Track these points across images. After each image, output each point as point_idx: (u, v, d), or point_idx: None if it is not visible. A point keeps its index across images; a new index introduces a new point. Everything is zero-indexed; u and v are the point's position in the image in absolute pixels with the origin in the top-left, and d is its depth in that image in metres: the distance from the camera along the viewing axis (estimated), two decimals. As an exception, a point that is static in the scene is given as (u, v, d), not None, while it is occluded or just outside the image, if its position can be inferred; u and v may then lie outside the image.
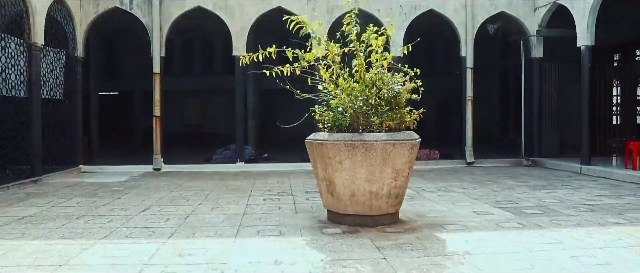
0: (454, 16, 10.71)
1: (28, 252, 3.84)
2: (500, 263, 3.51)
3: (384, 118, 4.67)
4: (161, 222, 4.98)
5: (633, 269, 3.37)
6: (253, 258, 3.66)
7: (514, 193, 6.82)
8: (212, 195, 6.70)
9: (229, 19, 10.29)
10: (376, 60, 4.82)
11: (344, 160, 4.49)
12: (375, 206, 4.59)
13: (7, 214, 5.38)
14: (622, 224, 4.77)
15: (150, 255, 3.73)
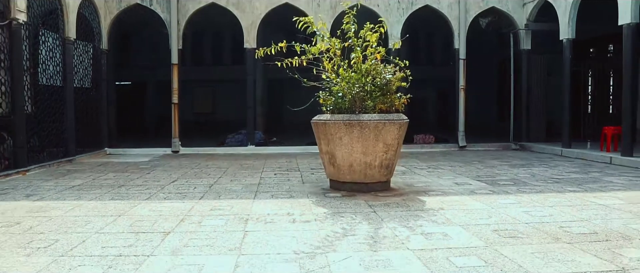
0: (448, 11, 11.57)
1: (90, 208, 4.82)
2: (465, 215, 4.45)
3: (377, 102, 5.60)
4: (190, 189, 5.95)
5: (569, 219, 4.29)
6: (270, 211, 4.62)
7: (495, 170, 7.74)
8: (229, 171, 7.67)
9: (241, 14, 11.20)
10: (371, 54, 5.73)
11: (343, 137, 5.42)
12: (369, 175, 5.53)
13: (59, 184, 6.36)
14: (576, 191, 5.70)
15: (188, 210, 4.69)
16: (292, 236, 3.70)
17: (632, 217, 4.31)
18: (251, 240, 3.59)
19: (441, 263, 3.04)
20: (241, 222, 4.19)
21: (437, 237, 3.67)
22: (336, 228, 3.95)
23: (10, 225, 4.10)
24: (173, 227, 4.00)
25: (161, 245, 3.47)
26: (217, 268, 2.96)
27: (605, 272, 2.89)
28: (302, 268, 2.95)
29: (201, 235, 3.73)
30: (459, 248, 3.38)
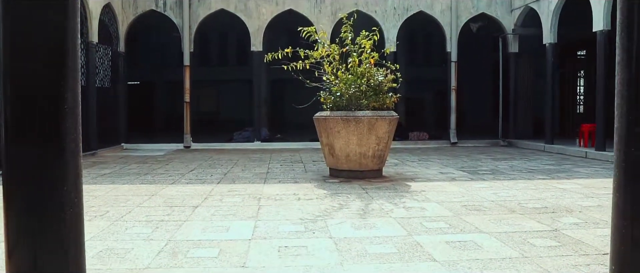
0: (440, 16, 12.41)
1: (125, 190, 5.68)
2: (442, 195, 5.29)
3: (370, 100, 6.45)
4: (207, 176, 6.81)
5: (528, 198, 5.12)
6: (278, 192, 5.48)
7: (479, 162, 8.59)
8: (240, 163, 8.53)
9: (248, 19, 12.06)
10: (366, 58, 6.59)
11: (341, 131, 6.28)
12: (364, 163, 6.39)
13: (90, 174, 7.23)
14: (544, 179, 6.55)
15: (209, 191, 5.55)
16: (298, 209, 4.56)
17: (581, 197, 5.16)
18: (265, 212, 4.45)
19: (415, 226, 3.89)
20: (255, 199, 5.05)
21: (415, 209, 4.52)
22: (334, 203, 4.81)
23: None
24: (199, 202, 4.86)
25: (193, 214, 4.33)
26: (240, 229, 3.82)
27: (541, 230, 3.74)
28: (306, 228, 3.81)
29: (224, 208, 4.59)
30: (431, 217, 4.23)
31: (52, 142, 1.23)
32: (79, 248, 1.33)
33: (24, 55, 1.22)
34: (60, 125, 1.23)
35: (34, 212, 1.25)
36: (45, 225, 1.25)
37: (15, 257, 1.28)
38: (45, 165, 1.24)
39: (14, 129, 1.23)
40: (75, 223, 1.31)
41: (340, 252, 3.18)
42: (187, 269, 2.85)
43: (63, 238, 1.27)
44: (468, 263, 2.95)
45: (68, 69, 1.25)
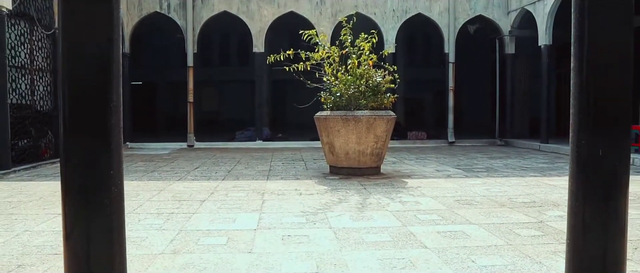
0: (438, 18, 12.68)
1: (134, 185, 5.95)
2: (437, 191, 5.56)
3: (369, 100, 6.71)
4: (212, 173, 7.08)
5: (518, 193, 5.39)
6: (281, 188, 5.75)
7: (474, 161, 8.85)
8: (243, 161, 8.80)
9: (250, 21, 12.33)
10: (364, 60, 6.86)
11: (341, 129, 6.54)
12: (362, 161, 6.65)
13: (99, 170, 7.49)
14: (536, 176, 6.81)
15: (215, 187, 5.82)
16: (300, 203, 4.82)
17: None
18: (268, 205, 4.71)
19: (409, 218, 4.15)
20: (259, 194, 5.32)
21: (410, 204, 4.79)
22: (333, 198, 5.08)
23: (77, 196, 5.23)
24: (206, 197, 5.13)
25: (201, 207, 4.60)
26: (246, 220, 4.09)
27: (527, 222, 4.01)
28: (307, 220, 4.07)
29: (229, 202, 4.86)
30: (425, 210, 4.50)
31: (101, 134, 1.50)
32: (121, 225, 1.59)
33: (79, 63, 1.49)
34: (108, 120, 1.50)
35: (86, 193, 1.51)
36: (96, 207, 1.51)
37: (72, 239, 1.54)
38: (95, 153, 1.50)
39: (70, 123, 1.49)
40: (119, 203, 1.57)
41: (339, 240, 3.44)
42: (199, 254, 3.11)
43: (111, 216, 1.53)
44: (456, 250, 3.21)
45: (113, 74, 1.51)
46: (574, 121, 1.72)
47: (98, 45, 1.49)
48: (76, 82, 1.48)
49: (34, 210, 4.47)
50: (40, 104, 8.20)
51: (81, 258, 1.56)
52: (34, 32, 7.87)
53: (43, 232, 3.69)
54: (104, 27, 1.50)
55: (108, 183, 1.53)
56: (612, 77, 1.66)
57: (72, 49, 1.48)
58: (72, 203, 1.53)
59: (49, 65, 8.41)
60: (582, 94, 1.69)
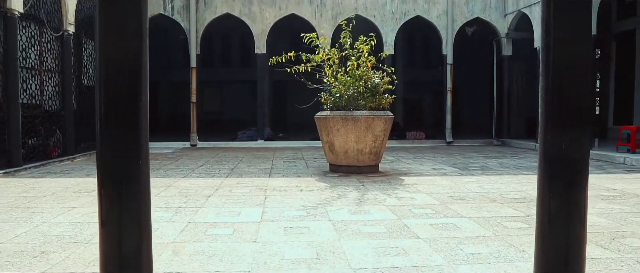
0: (436, 21, 12.93)
1: (142, 182, 6.18)
2: (432, 187, 5.80)
3: (367, 101, 6.96)
4: (216, 171, 7.33)
5: (510, 190, 5.63)
6: (283, 184, 5.99)
7: (470, 160, 9.09)
8: (245, 159, 9.05)
9: (252, 23, 12.58)
10: (363, 62, 7.10)
11: (340, 129, 6.79)
12: (361, 159, 6.90)
13: (107, 167, 7.73)
14: (528, 174, 7.05)
15: (219, 183, 6.07)
16: (300, 198, 5.07)
17: (558, 189, 5.66)
18: (271, 200, 4.96)
19: (404, 212, 4.40)
20: (261, 190, 5.57)
21: (406, 199, 5.03)
22: (333, 194, 5.32)
23: (88, 191, 5.48)
24: (211, 193, 5.38)
25: (206, 202, 4.85)
26: (250, 213, 4.33)
27: (515, 216, 4.25)
28: (308, 213, 4.32)
29: (234, 197, 5.10)
30: (420, 204, 4.74)
31: (131, 129, 1.74)
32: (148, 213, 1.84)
33: (113, 68, 1.74)
34: (137, 117, 1.74)
35: (119, 183, 1.75)
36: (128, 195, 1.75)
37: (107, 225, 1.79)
38: (126, 145, 1.74)
39: (105, 120, 1.74)
40: (145, 189, 1.82)
41: (338, 231, 3.69)
42: (208, 243, 3.36)
43: (139, 203, 1.78)
44: (446, 240, 3.45)
45: (142, 77, 1.76)
46: (542, 120, 1.97)
47: (129, 52, 1.74)
48: (110, 85, 1.73)
49: (49, 205, 4.72)
50: (49, 104, 8.45)
51: (114, 243, 1.80)
52: (43, 34, 8.12)
53: (60, 223, 3.94)
54: (134, 37, 1.75)
55: (137, 173, 1.78)
56: (574, 82, 1.90)
57: (107, 56, 1.73)
58: (106, 193, 1.77)
59: (57, 66, 8.66)
60: (548, 96, 1.93)
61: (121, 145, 1.75)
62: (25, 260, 2.97)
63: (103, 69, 1.73)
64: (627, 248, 3.25)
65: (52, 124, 8.52)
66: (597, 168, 7.77)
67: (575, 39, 1.88)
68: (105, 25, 1.73)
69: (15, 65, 7.01)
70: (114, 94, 1.73)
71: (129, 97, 1.74)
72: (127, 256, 1.81)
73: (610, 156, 8.90)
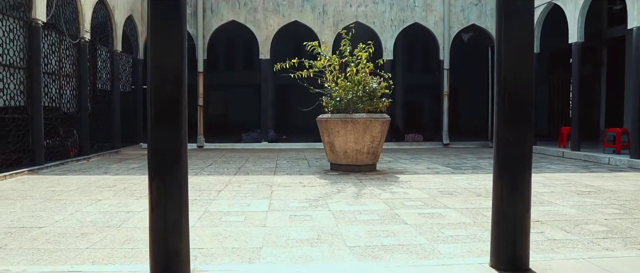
0: (434, 27, 13.45)
1: (157, 179, 6.71)
2: (424, 184, 6.31)
3: (366, 104, 7.47)
4: (224, 169, 7.85)
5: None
6: (287, 181, 6.51)
7: (464, 160, 9.60)
8: (251, 159, 9.57)
9: (257, 29, 13.13)
10: (362, 68, 7.62)
11: (340, 130, 7.31)
12: (360, 159, 7.41)
13: (122, 167, 8.27)
14: (516, 173, 7.55)
15: (228, 180, 6.59)
16: (303, 192, 5.58)
17: (539, 186, 6.16)
18: (276, 194, 5.48)
19: (397, 204, 4.91)
20: (267, 186, 6.08)
21: (399, 193, 5.54)
22: (333, 189, 5.84)
23: (109, 186, 6.01)
24: (222, 188, 5.90)
25: (218, 196, 5.37)
26: (258, 205, 4.85)
27: (495, 207, 4.75)
28: (310, 205, 4.83)
29: (243, 192, 5.62)
30: (411, 198, 5.25)
31: (175, 126, 2.26)
32: (186, 190, 2.36)
33: (162, 78, 2.25)
34: (179, 117, 2.26)
35: (165, 165, 2.27)
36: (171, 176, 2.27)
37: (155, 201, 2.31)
38: (171, 141, 2.26)
39: (155, 120, 2.26)
40: (184, 177, 2.33)
41: (336, 218, 4.20)
42: (223, 228, 3.87)
43: (180, 183, 2.30)
44: (431, 226, 3.96)
45: (183, 86, 2.27)
46: (495, 120, 2.48)
47: (173, 66, 2.26)
48: (159, 91, 2.25)
49: (76, 197, 5.24)
50: (67, 107, 9.00)
51: (161, 215, 2.33)
52: (62, 42, 8.67)
53: (91, 212, 4.46)
54: (177, 55, 2.27)
55: (179, 160, 2.30)
56: (519, 90, 2.42)
57: (157, 67, 2.26)
58: (156, 175, 2.30)
59: (74, 71, 9.21)
60: (500, 100, 2.45)
61: (167, 138, 2.28)
62: (70, 240, 3.49)
63: (154, 79, 2.26)
64: (586, 232, 3.76)
65: (69, 125, 9.06)
66: (581, 168, 8.27)
67: (520, 57, 2.41)
68: (156, 46, 2.26)
69: (39, 71, 7.55)
70: (162, 99, 2.26)
71: (173, 101, 2.27)
72: (169, 225, 2.34)
73: (597, 157, 9.39)
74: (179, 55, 2.26)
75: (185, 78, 2.28)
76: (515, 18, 2.37)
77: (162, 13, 2.22)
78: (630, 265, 2.70)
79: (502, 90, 2.43)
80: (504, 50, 2.41)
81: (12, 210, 4.55)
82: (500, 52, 2.43)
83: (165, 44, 2.24)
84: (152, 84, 2.25)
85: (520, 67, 2.40)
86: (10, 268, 2.62)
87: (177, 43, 2.25)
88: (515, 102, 2.42)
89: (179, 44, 2.26)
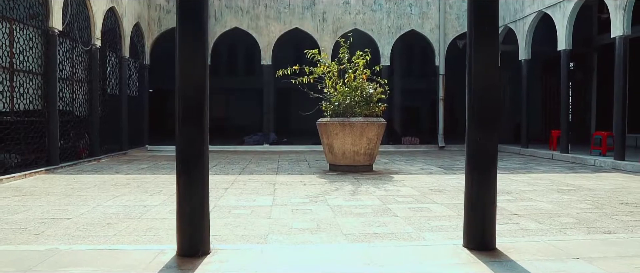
0: (430, 34, 13.94)
1: (167, 178, 7.17)
2: (417, 183, 6.76)
3: (362, 109, 7.94)
4: (229, 170, 8.30)
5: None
6: (289, 180, 6.97)
7: (457, 162, 10.05)
8: (254, 161, 10.03)
9: (259, 36, 13.61)
10: (359, 74, 8.09)
11: (339, 133, 7.77)
12: (357, 160, 7.87)
13: (132, 167, 8.73)
14: (505, 174, 8.01)
15: (234, 179, 7.05)
16: (304, 190, 6.04)
17: (524, 185, 6.62)
18: (279, 191, 5.93)
19: (389, 200, 5.36)
20: (271, 184, 6.54)
21: (393, 191, 6.00)
22: (331, 187, 6.29)
23: (123, 185, 6.46)
24: (228, 186, 6.36)
25: (226, 193, 5.82)
26: (263, 200, 5.30)
27: (479, 203, 5.20)
28: (310, 200, 5.29)
29: (248, 189, 6.08)
30: (403, 195, 5.71)
31: (198, 126, 2.72)
32: (206, 180, 2.82)
33: (188, 86, 2.71)
34: (202, 118, 2.72)
35: (189, 160, 2.73)
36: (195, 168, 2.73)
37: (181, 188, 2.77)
38: (196, 139, 2.72)
39: (182, 121, 2.72)
40: (206, 171, 2.79)
41: (334, 212, 4.66)
42: (232, 219, 4.33)
43: (202, 174, 2.76)
44: (419, 218, 4.42)
45: (205, 92, 2.73)
46: (467, 122, 2.94)
47: (197, 76, 2.73)
48: (186, 98, 2.72)
49: (95, 193, 5.70)
50: (79, 110, 9.46)
51: (186, 200, 2.79)
52: (75, 49, 9.14)
53: (112, 206, 4.91)
54: (200, 64, 2.74)
55: (201, 155, 2.76)
56: (487, 97, 2.88)
57: (184, 77, 2.72)
58: (182, 168, 2.76)
59: (86, 76, 9.68)
60: (471, 106, 2.91)
61: (192, 137, 2.74)
62: (97, 228, 3.95)
63: (181, 87, 2.73)
64: (556, 223, 4.21)
65: (81, 128, 9.52)
66: (567, 169, 8.72)
67: (488, 70, 2.87)
68: (183, 60, 2.73)
69: (55, 77, 8.02)
70: (187, 104, 2.73)
71: (197, 105, 2.73)
72: (194, 212, 2.80)
73: (584, 159, 9.85)
74: (202, 67, 2.72)
75: (207, 86, 2.74)
76: (483, 41, 2.84)
77: (188, 33, 2.69)
78: (580, 244, 3.15)
79: (472, 98, 2.89)
80: (474, 66, 2.87)
81: (40, 204, 5.00)
82: (470, 67, 2.89)
83: (190, 58, 2.71)
84: (179, 91, 2.71)
85: (487, 80, 2.87)
86: (59, 246, 3.08)
87: (200, 57, 2.72)
88: (483, 108, 2.88)
89: (202, 57, 2.72)
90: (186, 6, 2.66)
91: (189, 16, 2.68)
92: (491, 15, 2.87)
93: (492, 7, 2.87)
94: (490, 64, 2.85)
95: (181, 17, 2.68)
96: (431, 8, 13.91)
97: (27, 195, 5.56)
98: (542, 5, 11.52)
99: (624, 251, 2.98)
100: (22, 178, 6.92)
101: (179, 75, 2.71)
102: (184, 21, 2.67)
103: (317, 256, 2.98)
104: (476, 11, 2.88)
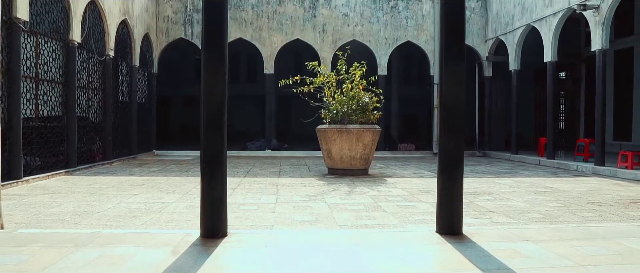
0: (425, 45, 14.61)
1: (177, 180, 7.79)
2: (408, 184, 7.37)
3: (359, 116, 8.57)
4: (234, 173, 8.92)
5: (469, 187, 7.18)
6: (290, 182, 7.59)
7: (448, 167, 10.65)
8: (257, 165, 10.65)
9: (262, 46, 14.28)
10: (356, 84, 8.73)
11: (336, 139, 8.39)
12: (353, 164, 8.49)
13: (144, 170, 9.34)
14: (490, 177, 8.62)
15: (240, 181, 7.66)
16: (304, 190, 6.66)
17: (506, 187, 7.24)
18: (282, 191, 6.55)
19: (381, 198, 5.98)
20: (274, 185, 7.16)
21: (385, 191, 6.62)
22: (329, 188, 6.91)
23: (139, 185, 7.08)
24: (235, 187, 6.97)
25: (233, 192, 6.44)
26: (267, 198, 5.92)
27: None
28: (310, 199, 5.91)
29: (253, 189, 6.70)
30: (394, 195, 6.32)
31: (220, 132, 3.35)
32: (225, 175, 3.44)
33: (211, 97, 3.34)
34: (222, 125, 3.35)
35: (211, 160, 3.36)
36: (216, 166, 3.36)
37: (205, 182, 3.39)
38: (217, 143, 3.34)
39: (206, 128, 3.34)
40: (225, 169, 3.42)
41: (331, 208, 5.27)
42: (241, 212, 4.94)
43: (221, 170, 3.38)
44: (405, 213, 5.03)
45: (225, 103, 3.36)
46: (438, 129, 3.57)
47: (218, 89, 3.36)
48: (209, 107, 3.34)
49: (116, 192, 6.32)
50: (94, 117, 10.10)
51: (208, 193, 3.41)
52: (90, 59, 9.80)
53: (133, 202, 5.53)
54: (221, 81, 3.37)
55: (221, 155, 3.39)
56: (454, 108, 3.51)
57: (208, 91, 3.34)
58: (206, 167, 3.38)
59: (100, 84, 10.32)
60: (441, 116, 3.54)
61: (214, 141, 3.37)
62: (125, 219, 4.57)
63: (206, 98, 3.35)
64: (524, 218, 4.83)
65: (96, 133, 10.16)
66: (550, 173, 9.34)
67: (455, 84, 3.50)
68: (207, 76, 3.36)
69: (74, 85, 8.66)
70: (211, 113, 3.35)
71: (218, 114, 3.36)
72: (215, 201, 3.42)
73: (567, 164, 10.47)
74: (222, 83, 3.35)
75: (226, 98, 3.37)
76: (451, 63, 3.47)
77: (213, 57, 3.32)
78: (534, 231, 3.76)
79: (443, 109, 3.52)
80: (444, 81, 3.50)
81: (69, 201, 5.62)
82: (441, 83, 3.52)
83: (213, 76, 3.34)
84: (204, 103, 3.34)
85: (455, 93, 3.50)
86: (102, 230, 3.69)
87: (220, 75, 3.35)
88: (450, 118, 3.51)
89: (222, 75, 3.35)
90: (211, 34, 3.29)
91: (213, 42, 3.31)
92: (458, 39, 3.50)
93: (459, 32, 3.50)
94: (457, 81, 3.47)
95: (206, 43, 3.32)
96: (426, 21, 14.58)
97: (55, 193, 6.18)
98: (530, 19, 12.18)
99: (566, 236, 3.60)
100: (46, 179, 7.54)
101: (203, 90, 3.33)
102: (209, 47, 3.31)
103: (315, 236, 3.60)
104: (447, 36, 3.51)
